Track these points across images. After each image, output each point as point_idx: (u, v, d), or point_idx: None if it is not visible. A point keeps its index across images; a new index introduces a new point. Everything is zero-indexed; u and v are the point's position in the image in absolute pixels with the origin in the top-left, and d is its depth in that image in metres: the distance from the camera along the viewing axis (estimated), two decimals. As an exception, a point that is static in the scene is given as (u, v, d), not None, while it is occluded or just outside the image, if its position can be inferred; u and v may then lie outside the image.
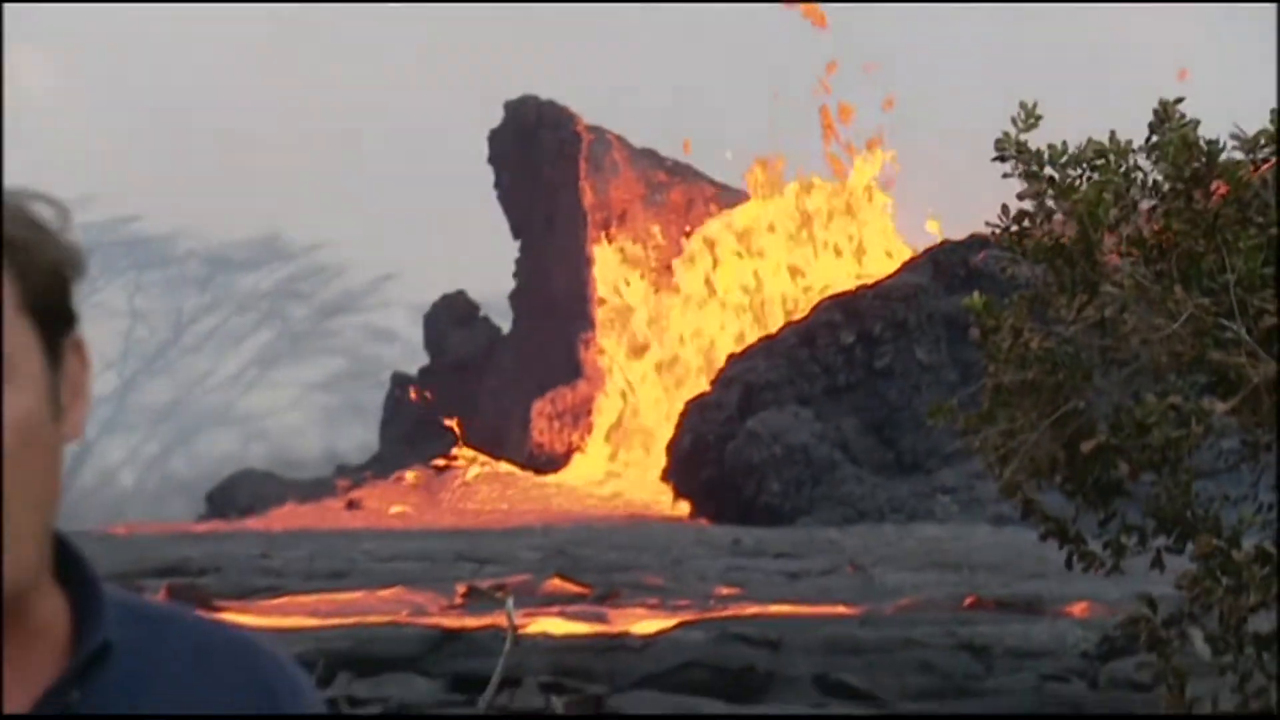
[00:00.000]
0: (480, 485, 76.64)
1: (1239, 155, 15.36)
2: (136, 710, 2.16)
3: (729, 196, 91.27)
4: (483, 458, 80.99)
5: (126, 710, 2.15)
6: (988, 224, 15.68)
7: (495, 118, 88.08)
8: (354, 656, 30.55)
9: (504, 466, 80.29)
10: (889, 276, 66.42)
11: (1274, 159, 15.32)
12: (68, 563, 2.19)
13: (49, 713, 2.12)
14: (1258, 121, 14.66)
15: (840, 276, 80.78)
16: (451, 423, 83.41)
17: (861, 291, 66.01)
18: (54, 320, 2.14)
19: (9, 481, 2.05)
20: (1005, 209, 15.51)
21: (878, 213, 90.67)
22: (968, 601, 37.46)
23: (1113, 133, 15.63)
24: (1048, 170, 15.66)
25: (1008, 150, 15.33)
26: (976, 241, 55.43)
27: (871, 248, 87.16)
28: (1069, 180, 15.57)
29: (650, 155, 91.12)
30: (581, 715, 14.91)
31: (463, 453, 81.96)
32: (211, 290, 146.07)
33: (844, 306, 65.44)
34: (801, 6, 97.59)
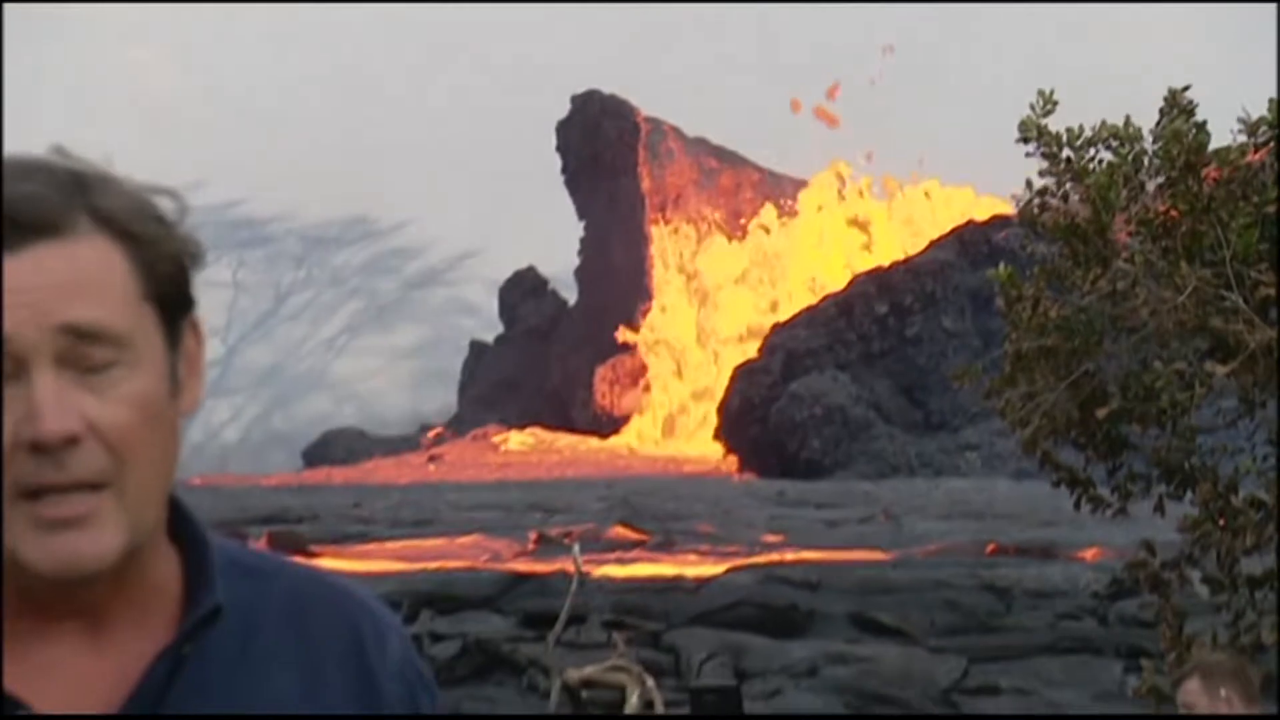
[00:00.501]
0: (550, 443, 76.65)
1: (1235, 141, 15.39)
2: (243, 657, 2.17)
3: (773, 181, 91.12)
4: (553, 419, 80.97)
5: (232, 661, 2.16)
6: (1013, 195, 15.74)
7: (562, 110, 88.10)
8: (436, 596, 30.62)
9: (572, 430, 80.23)
10: (919, 253, 66.19)
11: (1271, 144, 15.31)
12: (181, 524, 2.19)
13: (164, 666, 2.12)
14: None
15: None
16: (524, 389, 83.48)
17: (894, 267, 65.94)
18: (174, 305, 2.13)
19: (133, 454, 2.06)
20: (1029, 184, 15.54)
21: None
22: (990, 548, 37.39)
23: (1127, 118, 15.62)
24: (1065, 152, 15.69)
25: (1030, 133, 15.42)
26: (999, 223, 55.27)
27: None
28: (1084, 162, 15.59)
29: (702, 143, 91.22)
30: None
31: (535, 413, 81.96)
32: (307, 266, 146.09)
33: (878, 281, 65.43)
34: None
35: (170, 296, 2.13)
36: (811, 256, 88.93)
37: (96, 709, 2.10)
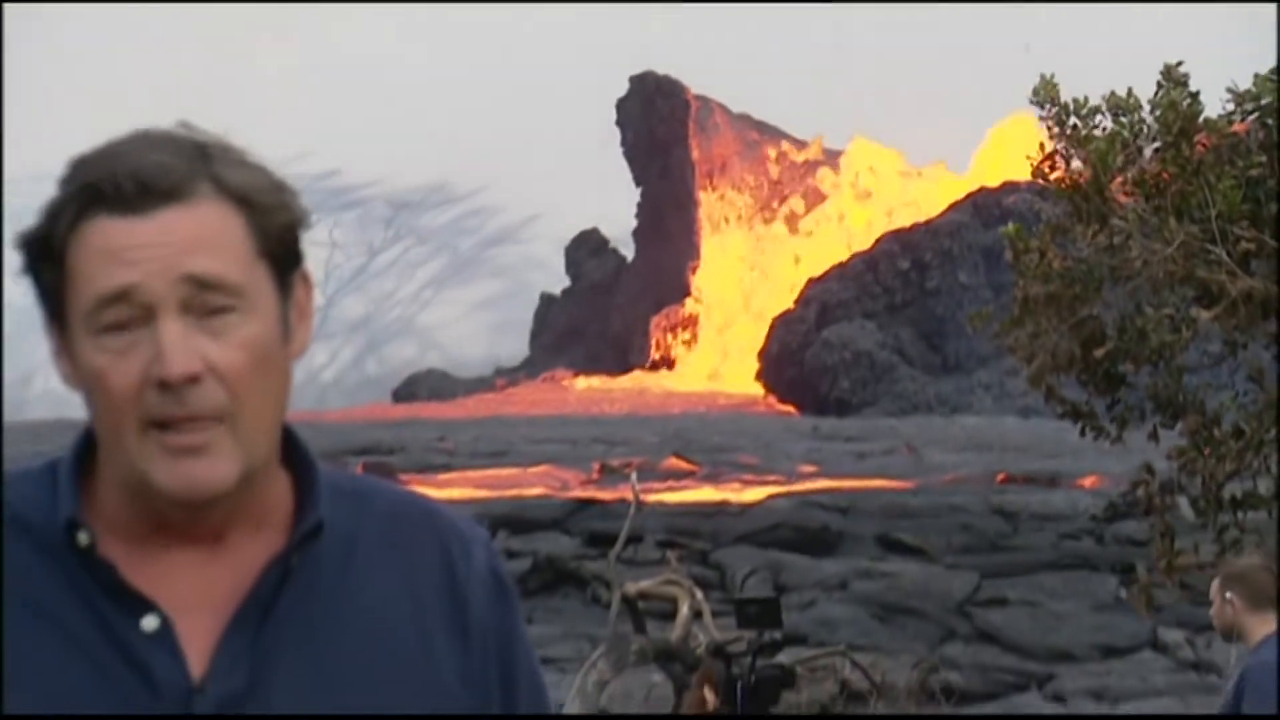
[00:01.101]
0: (611, 384, 76.54)
1: (1224, 111, 15.33)
2: (341, 571, 2.18)
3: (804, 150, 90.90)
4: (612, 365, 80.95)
5: (338, 572, 2.18)
6: (1028, 158, 15.77)
7: (621, 88, 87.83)
8: (511, 519, 30.65)
9: (630, 373, 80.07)
10: (938, 215, 65.97)
11: (1256, 115, 15.24)
12: (293, 452, 2.22)
13: (275, 573, 2.14)
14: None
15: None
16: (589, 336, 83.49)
17: (916, 228, 65.66)
18: (285, 261, 2.15)
19: (249, 392, 2.09)
20: (1041, 146, 15.56)
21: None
22: (999, 477, 37.28)
23: (1130, 89, 15.60)
24: (1072, 120, 15.66)
25: (1042, 98, 15.41)
26: (1009, 188, 54.96)
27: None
28: (1088, 129, 15.56)
29: (745, 118, 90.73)
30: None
31: (598, 358, 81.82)
32: (395, 227, 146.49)
33: (901, 239, 65.22)
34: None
35: (281, 254, 2.15)
36: (832, 228, 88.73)
37: (215, 610, 2.12)
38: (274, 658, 2.12)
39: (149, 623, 2.10)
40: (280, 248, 2.15)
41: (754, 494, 35.40)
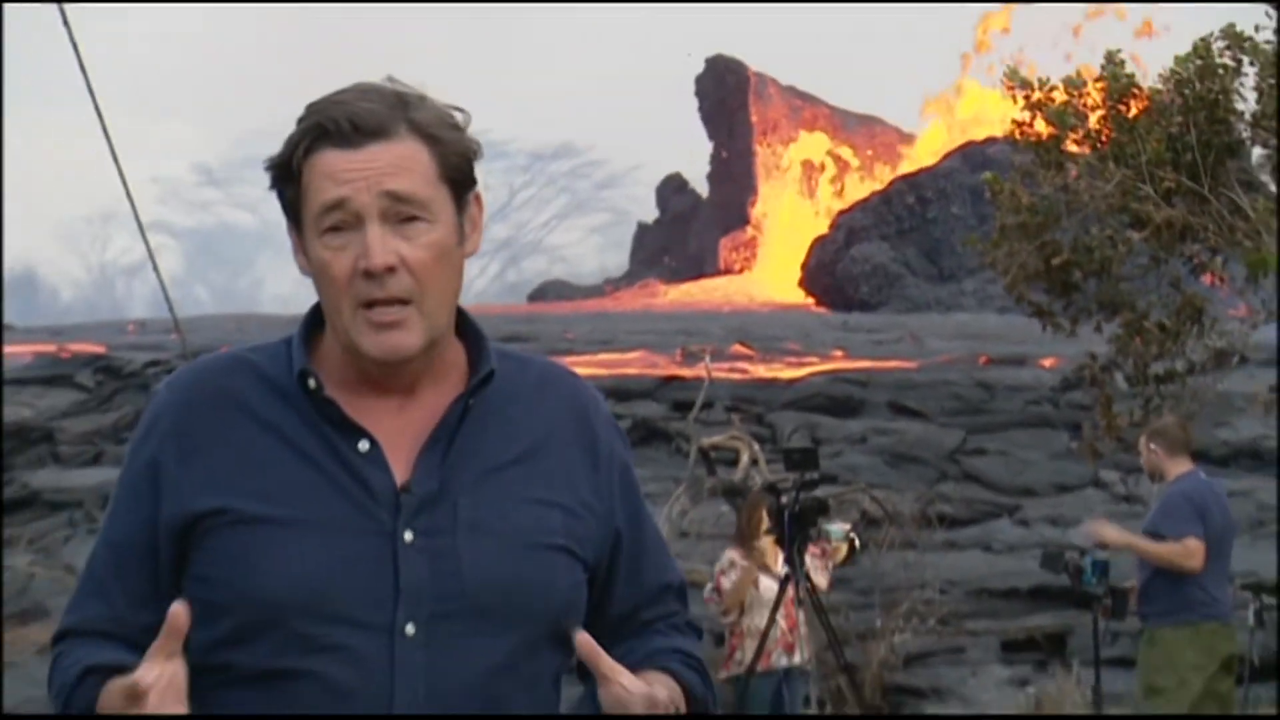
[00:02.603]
0: (691, 290, 76.46)
1: (1155, 82, 15.24)
2: (505, 411, 2.21)
3: (839, 116, 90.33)
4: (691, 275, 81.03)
5: (502, 409, 2.21)
6: (1014, 121, 15.78)
7: (699, 67, 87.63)
8: (615, 390, 30.63)
9: (705, 282, 79.94)
10: (937, 163, 65.56)
11: (1174, 85, 15.07)
12: (465, 324, 2.24)
13: (456, 411, 2.17)
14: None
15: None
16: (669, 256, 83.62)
17: (920, 173, 65.31)
18: (461, 184, 2.18)
19: (430, 281, 2.13)
20: (1015, 121, 15.62)
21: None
22: (982, 359, 37.07)
23: (1078, 70, 15.61)
24: (1036, 94, 15.58)
25: (1015, 79, 15.37)
26: (991, 142, 54.42)
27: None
28: (1049, 97, 15.51)
29: (792, 89, 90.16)
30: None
31: (680, 271, 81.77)
32: (530, 173, 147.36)
33: (909, 181, 64.87)
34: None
35: (459, 178, 2.19)
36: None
37: (410, 440, 2.16)
38: (456, 471, 2.16)
39: (363, 445, 2.15)
40: (458, 173, 2.19)
41: (797, 372, 35.35)
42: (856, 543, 10.10)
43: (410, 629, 2.07)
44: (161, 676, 1.97)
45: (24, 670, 22.91)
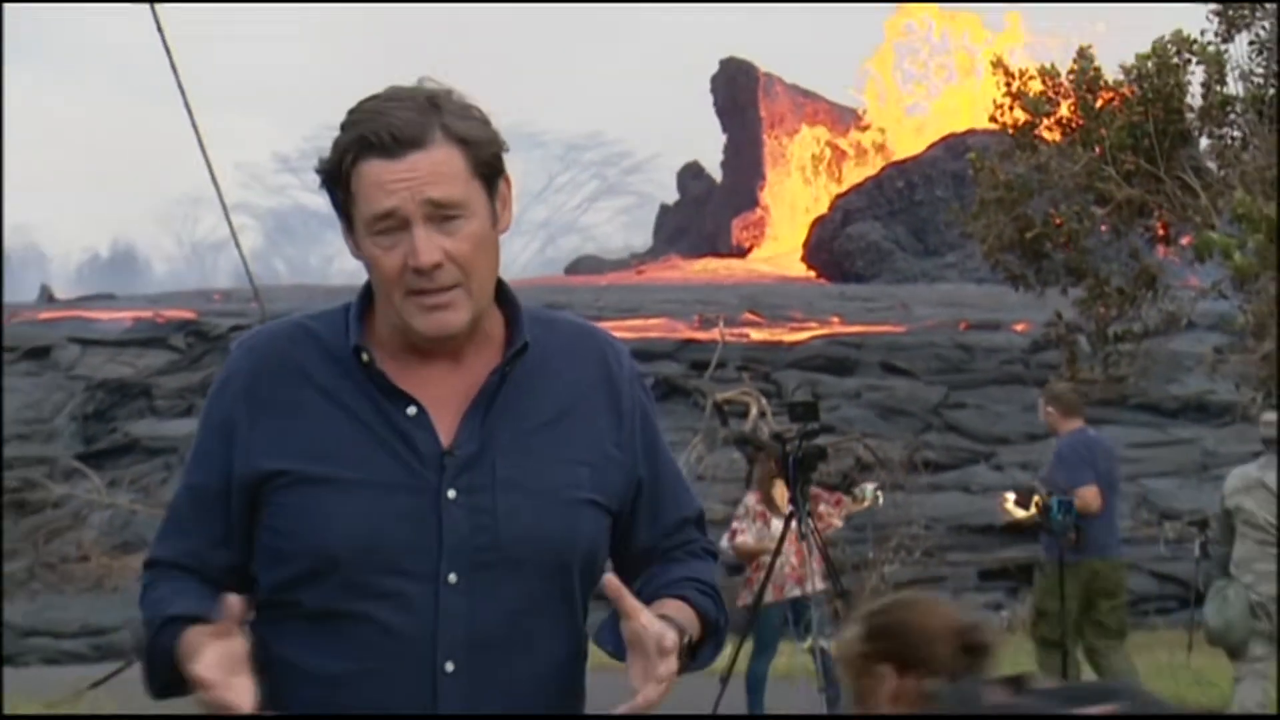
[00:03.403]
0: (707, 265, 76.42)
1: (1119, 76, 15.20)
2: (538, 377, 2.20)
3: (837, 110, 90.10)
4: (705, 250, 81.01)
5: (536, 375, 2.19)
6: (995, 104, 15.76)
7: (713, 68, 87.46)
8: (640, 351, 30.46)
9: (719, 257, 79.92)
10: (923, 151, 65.25)
11: (1136, 80, 14.99)
12: (504, 296, 2.22)
13: (495, 377, 2.16)
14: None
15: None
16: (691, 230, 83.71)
17: (908, 160, 64.98)
18: (491, 175, 2.15)
19: (473, 267, 2.11)
20: (997, 103, 15.57)
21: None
22: (962, 324, 36.86)
23: (1053, 63, 15.58)
24: (1015, 83, 15.53)
25: (999, 70, 15.31)
26: (971, 134, 54.16)
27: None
28: (1024, 88, 15.45)
29: (796, 87, 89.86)
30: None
31: (697, 248, 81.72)
32: (565, 160, 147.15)
33: (899, 168, 64.59)
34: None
35: (489, 171, 2.16)
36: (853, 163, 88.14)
37: (454, 404, 2.15)
38: (495, 433, 2.15)
39: (411, 410, 2.14)
40: (488, 168, 2.15)
41: (799, 336, 35.25)
42: (880, 499, 10.22)
43: (452, 577, 2.08)
44: (216, 660, 1.99)
45: (129, 594, 23.08)
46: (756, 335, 35.43)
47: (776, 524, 9.73)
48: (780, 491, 9.91)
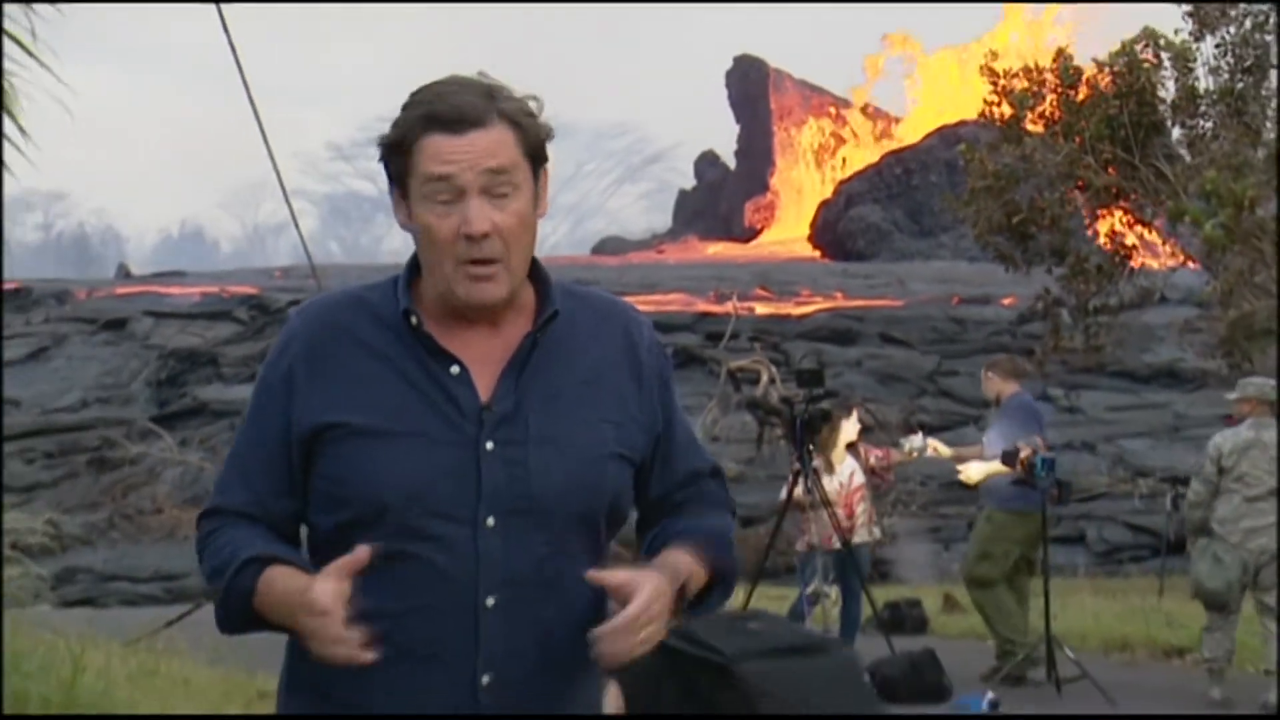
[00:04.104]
0: (722, 245, 76.30)
1: (1096, 70, 15.11)
2: (569, 343, 2.21)
3: (842, 103, 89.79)
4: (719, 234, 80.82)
5: (566, 342, 2.20)
6: (985, 100, 15.68)
7: (728, 64, 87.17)
8: (660, 324, 30.32)
9: (733, 239, 79.78)
10: (919, 141, 65.00)
11: (1112, 75, 14.88)
12: (536, 270, 2.22)
13: (528, 342, 2.17)
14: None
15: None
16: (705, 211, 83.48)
17: (906, 149, 64.76)
18: (537, 159, 2.16)
19: (515, 243, 2.12)
20: (986, 100, 15.47)
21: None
22: (954, 299, 36.81)
23: (1036, 61, 15.46)
24: (1001, 81, 15.43)
25: (986, 70, 15.20)
26: (964, 125, 53.85)
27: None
28: (1010, 84, 15.35)
29: (804, 82, 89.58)
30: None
31: (713, 229, 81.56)
32: (592, 149, 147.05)
33: (896, 156, 64.33)
34: None
35: (535, 155, 2.16)
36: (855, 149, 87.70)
37: (492, 365, 2.15)
38: (528, 392, 2.16)
39: (454, 369, 2.15)
40: (535, 152, 2.16)
41: (806, 309, 35.21)
42: (926, 448, 10.13)
43: (490, 522, 2.10)
44: (333, 594, 2.00)
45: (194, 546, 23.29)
46: (767, 309, 35.39)
47: (827, 480, 9.66)
48: (839, 453, 9.83)
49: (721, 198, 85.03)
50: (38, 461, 27.76)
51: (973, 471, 9.65)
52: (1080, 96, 14.84)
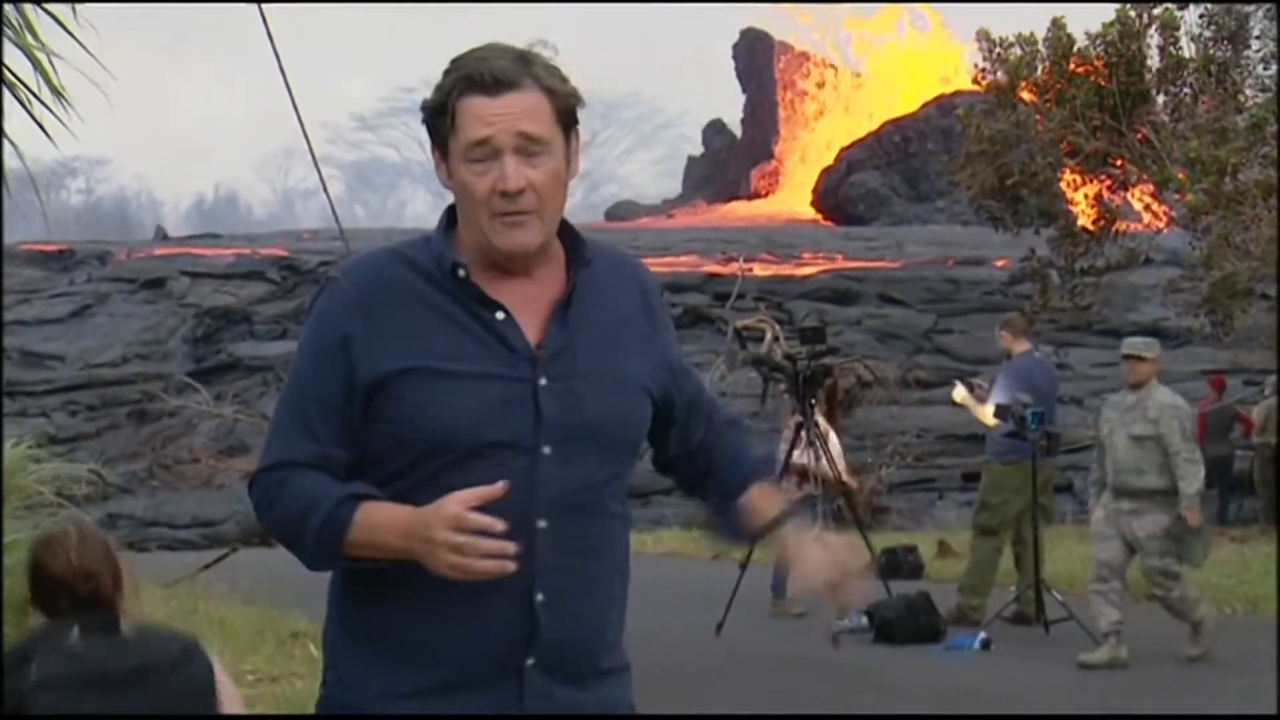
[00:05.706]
0: (729, 209, 76.12)
1: (1089, 43, 14.99)
2: (597, 289, 2.26)
3: (839, 72, 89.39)
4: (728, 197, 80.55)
5: (593, 290, 2.25)
6: (976, 66, 15.59)
7: (734, 36, 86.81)
8: (670, 284, 30.46)
9: (741, 202, 79.53)
10: (917, 110, 64.57)
11: (1103, 47, 14.78)
12: (565, 226, 2.26)
13: (571, 288, 2.23)
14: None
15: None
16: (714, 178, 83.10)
17: (903, 117, 64.36)
18: (568, 123, 2.20)
19: (548, 198, 2.17)
20: (979, 67, 15.35)
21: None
22: (949, 261, 36.66)
23: (1032, 31, 15.35)
24: (997, 50, 15.33)
25: (983, 39, 15.10)
26: (959, 95, 53.50)
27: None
28: (1006, 53, 15.25)
29: (804, 54, 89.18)
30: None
31: (721, 194, 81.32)
32: (606, 117, 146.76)
33: (895, 124, 63.96)
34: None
35: (566, 119, 2.20)
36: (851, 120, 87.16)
37: (534, 310, 2.21)
38: (575, 333, 2.22)
39: (500, 315, 2.20)
40: (567, 116, 2.20)
41: (809, 270, 35.11)
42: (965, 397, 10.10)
43: (547, 449, 2.16)
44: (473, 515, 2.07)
45: (230, 491, 23.36)
46: (771, 270, 35.32)
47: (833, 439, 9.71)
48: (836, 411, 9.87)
49: (729, 164, 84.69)
50: (81, 414, 27.90)
51: (958, 395, 9.87)
52: (1071, 65, 14.75)
